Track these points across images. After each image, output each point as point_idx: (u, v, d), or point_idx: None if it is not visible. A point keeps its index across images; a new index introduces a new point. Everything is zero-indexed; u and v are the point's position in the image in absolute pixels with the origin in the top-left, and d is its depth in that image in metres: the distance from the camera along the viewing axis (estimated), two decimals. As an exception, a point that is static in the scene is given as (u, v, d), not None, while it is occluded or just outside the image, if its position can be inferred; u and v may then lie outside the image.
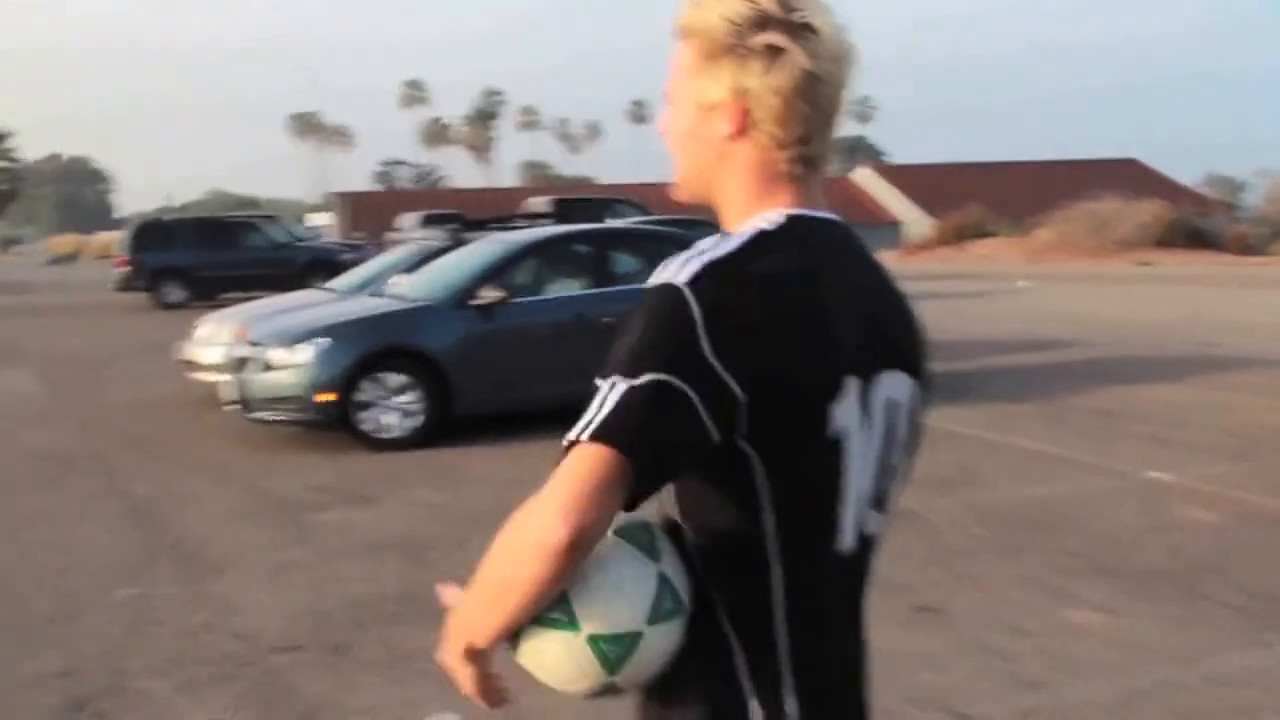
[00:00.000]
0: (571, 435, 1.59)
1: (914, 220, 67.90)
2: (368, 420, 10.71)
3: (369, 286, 13.66)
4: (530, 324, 11.28)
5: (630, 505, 1.61)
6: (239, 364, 11.18)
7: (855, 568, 1.83)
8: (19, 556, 7.75)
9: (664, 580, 1.66)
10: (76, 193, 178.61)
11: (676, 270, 1.67)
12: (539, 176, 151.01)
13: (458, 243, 14.17)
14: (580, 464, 1.56)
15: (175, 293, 30.20)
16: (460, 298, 11.05)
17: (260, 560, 7.43)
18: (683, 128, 1.84)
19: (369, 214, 70.39)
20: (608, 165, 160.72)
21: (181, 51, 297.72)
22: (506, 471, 9.71)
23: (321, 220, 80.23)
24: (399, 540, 7.69)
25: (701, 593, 1.72)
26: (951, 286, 31.13)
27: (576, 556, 1.55)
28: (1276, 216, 46.98)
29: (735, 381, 1.61)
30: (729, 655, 1.72)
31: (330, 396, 10.60)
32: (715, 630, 1.72)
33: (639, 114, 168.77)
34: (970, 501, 8.41)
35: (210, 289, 30.51)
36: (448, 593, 1.78)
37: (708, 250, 1.69)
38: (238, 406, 11.17)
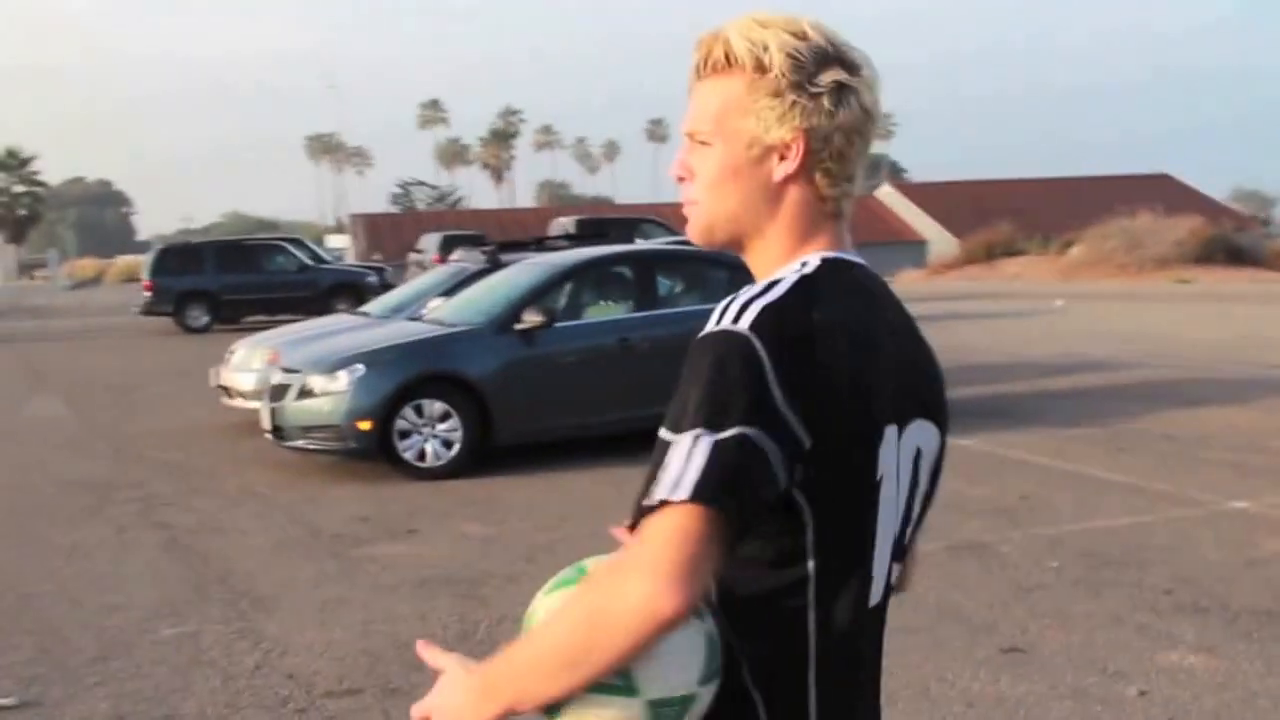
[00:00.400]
0: (662, 495, 1.52)
1: (937, 238, 67.54)
2: (408, 449, 10.46)
3: (405, 310, 13.44)
4: (572, 349, 11.04)
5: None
6: (275, 391, 10.94)
7: (880, 620, 1.80)
8: (59, 591, 7.50)
9: (710, 639, 1.62)
10: (98, 215, 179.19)
11: (735, 316, 1.62)
12: (556, 197, 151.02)
13: (495, 265, 13.95)
14: (682, 526, 1.51)
15: (200, 317, 30.06)
16: (502, 322, 10.81)
17: (308, 597, 7.18)
18: (725, 168, 1.76)
19: (388, 235, 70.37)
20: (625, 185, 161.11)
21: (199, 72, 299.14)
22: (553, 504, 9.47)
23: (339, 242, 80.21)
24: (449, 576, 7.43)
25: (725, 649, 1.65)
26: (987, 306, 30.82)
27: (679, 626, 1.51)
28: None
29: (803, 428, 1.58)
30: (753, 716, 1.66)
31: (369, 425, 10.35)
32: (738, 688, 1.66)
33: (657, 133, 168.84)
34: (1042, 533, 8.11)
35: (235, 312, 30.42)
36: (432, 653, 1.70)
37: (761, 295, 1.65)
38: (274, 435, 10.93)
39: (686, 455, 1.53)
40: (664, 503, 1.51)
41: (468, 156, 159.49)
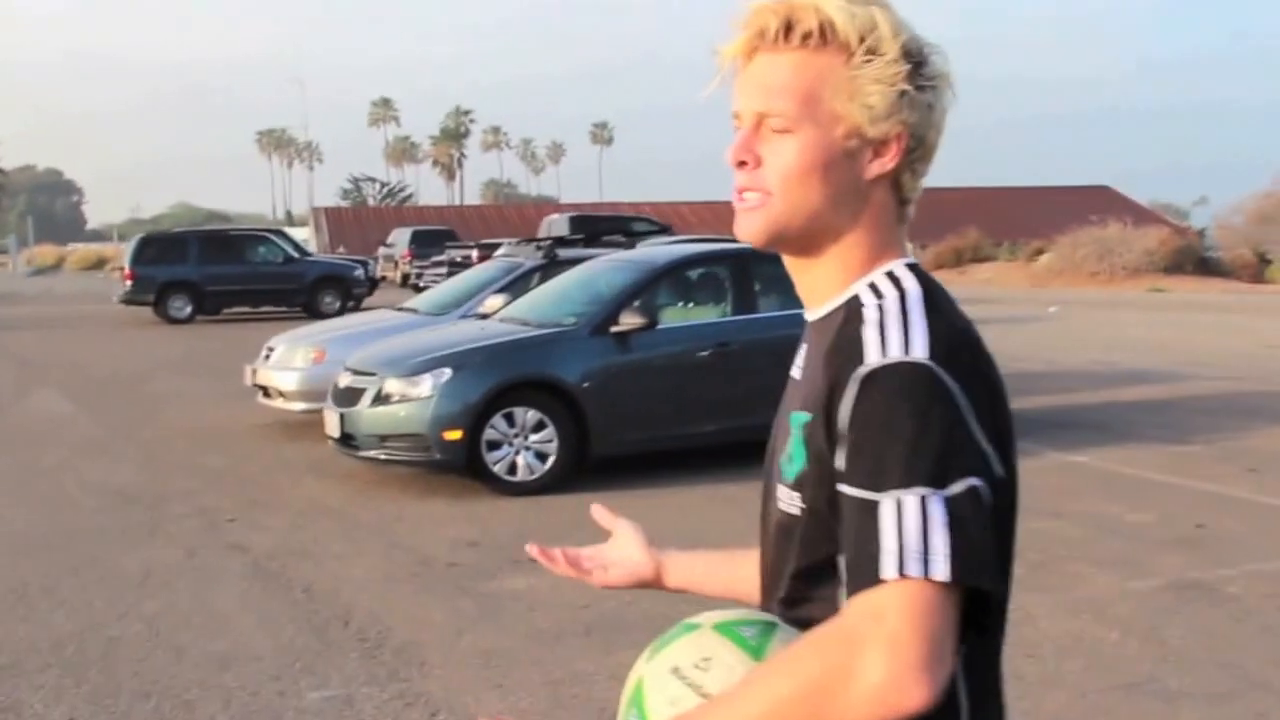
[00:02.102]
0: (908, 571, 1.33)
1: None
2: (497, 462, 9.39)
3: (461, 308, 12.36)
4: (670, 354, 10.00)
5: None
6: (345, 395, 9.83)
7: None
8: (149, 632, 6.38)
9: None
10: (48, 204, 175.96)
11: (900, 344, 1.43)
12: (503, 195, 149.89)
13: (552, 261, 12.91)
14: (931, 604, 1.33)
15: (183, 307, 28.73)
16: (599, 324, 9.74)
17: (459, 646, 6.09)
18: (815, 158, 1.53)
19: (351, 229, 68.98)
20: (569, 186, 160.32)
21: (147, 65, 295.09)
22: (671, 525, 8.38)
23: (299, 235, 78.54)
24: (616, 620, 6.33)
25: None
26: (980, 312, 29.63)
27: None
28: (1242, 242, 45.35)
29: (998, 457, 1.45)
30: None
31: (458, 434, 9.27)
32: None
33: (601, 135, 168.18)
34: (1255, 569, 7.21)
35: (217, 304, 29.21)
36: None
37: (908, 317, 1.46)
38: (342, 443, 9.82)
39: (920, 520, 1.35)
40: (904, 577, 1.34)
41: (416, 155, 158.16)
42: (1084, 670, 5.80)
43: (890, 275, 1.54)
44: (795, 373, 1.66)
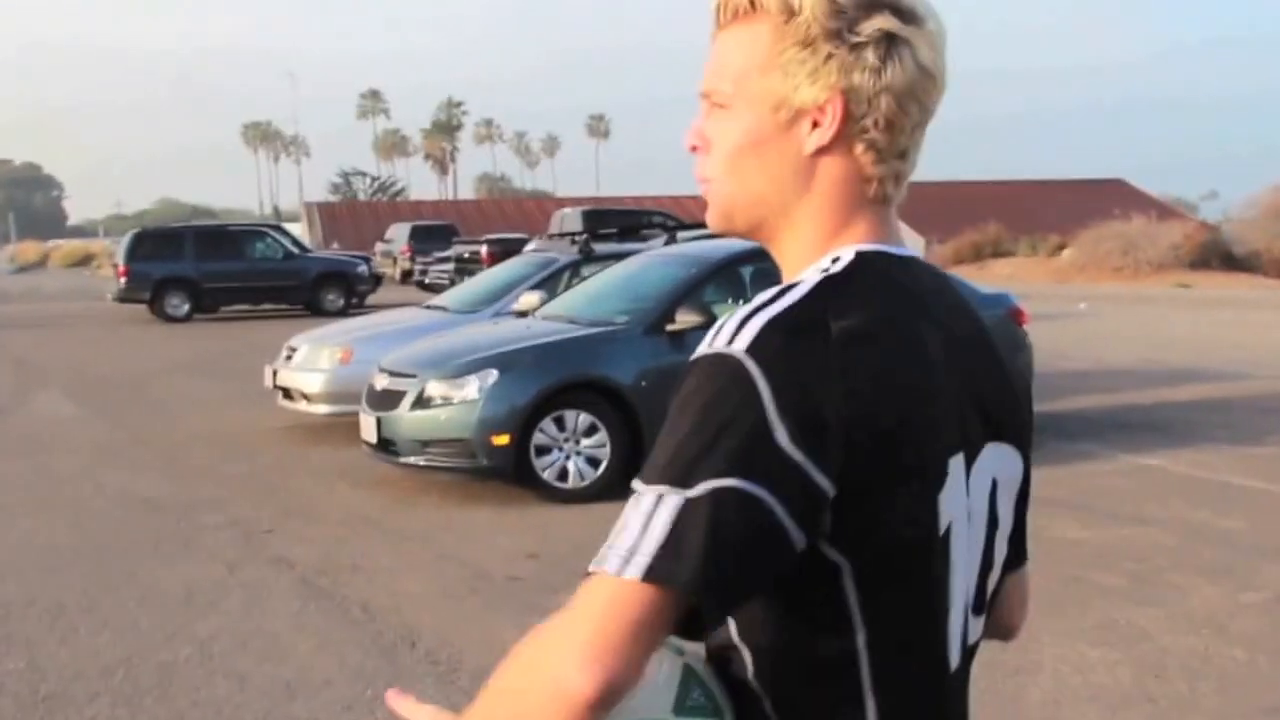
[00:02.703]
0: (605, 566, 1.24)
1: (907, 239, 66.33)
2: (546, 467, 8.91)
3: (494, 305, 11.87)
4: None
5: (695, 635, 1.31)
6: (383, 398, 9.34)
7: (959, 690, 1.50)
8: (204, 657, 5.89)
9: (690, 671, 1.40)
10: (26, 199, 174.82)
11: (730, 334, 1.31)
12: (497, 190, 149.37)
13: (588, 256, 12.43)
14: (616, 599, 1.23)
15: (180, 305, 28.10)
16: (653, 322, 9.26)
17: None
18: (747, 136, 1.43)
19: (344, 224, 68.33)
20: (565, 179, 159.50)
21: (129, 57, 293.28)
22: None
23: (292, 230, 77.83)
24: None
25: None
26: (1003, 309, 29.53)
27: (601, 712, 1.22)
28: (1259, 236, 44.96)
29: (821, 472, 1.28)
30: None
31: (505, 439, 8.79)
32: None
33: (598, 128, 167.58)
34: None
35: (216, 301, 28.60)
36: (405, 705, 1.44)
37: (768, 304, 1.33)
38: (380, 449, 9.33)
39: (645, 518, 1.26)
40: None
41: (407, 148, 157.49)
42: (1218, 693, 5.38)
43: (833, 259, 1.42)
44: None
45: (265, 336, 23.74)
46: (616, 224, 26.19)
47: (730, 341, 1.30)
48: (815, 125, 1.41)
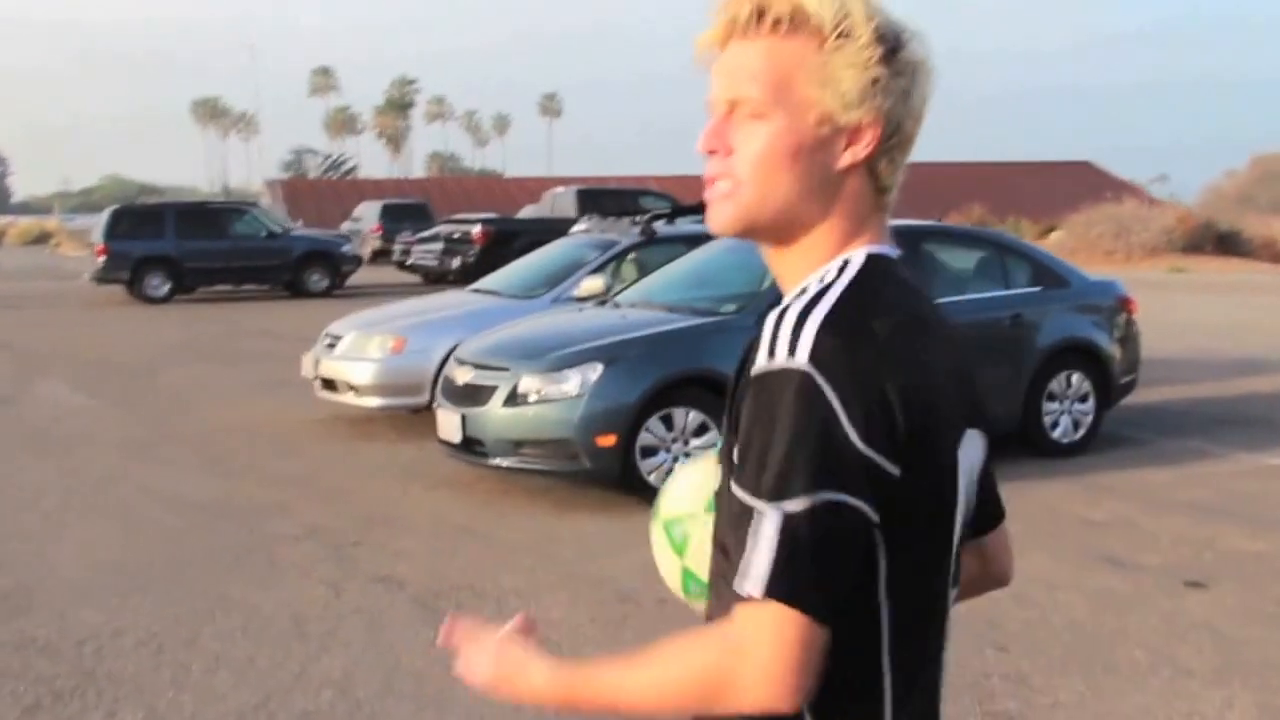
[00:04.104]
0: (747, 588, 1.40)
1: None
2: (652, 470, 8.12)
3: (555, 289, 11.04)
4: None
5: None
6: (467, 392, 8.51)
7: (942, 662, 1.64)
8: (357, 709, 5.06)
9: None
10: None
11: (788, 346, 1.43)
12: (446, 168, 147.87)
13: (649, 238, 11.63)
14: (788, 631, 1.39)
15: (160, 285, 26.97)
16: (766, 310, 8.45)
17: None
18: (786, 148, 1.51)
19: (306, 203, 66.95)
20: (515, 159, 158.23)
21: (76, 30, 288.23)
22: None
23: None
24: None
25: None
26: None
27: None
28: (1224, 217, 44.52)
29: (890, 462, 1.42)
30: None
31: (612, 440, 7.99)
32: None
33: (550, 108, 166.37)
34: None
35: (196, 281, 27.53)
36: (469, 628, 1.68)
37: (811, 309, 1.45)
38: (464, 449, 8.49)
39: (755, 535, 1.41)
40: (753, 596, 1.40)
41: (356, 126, 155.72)
42: None
43: (844, 263, 1.52)
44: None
45: (251, 318, 22.86)
46: (611, 205, 25.40)
47: (791, 354, 1.41)
48: (850, 143, 1.50)
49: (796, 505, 1.37)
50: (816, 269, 1.53)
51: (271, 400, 12.91)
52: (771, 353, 1.42)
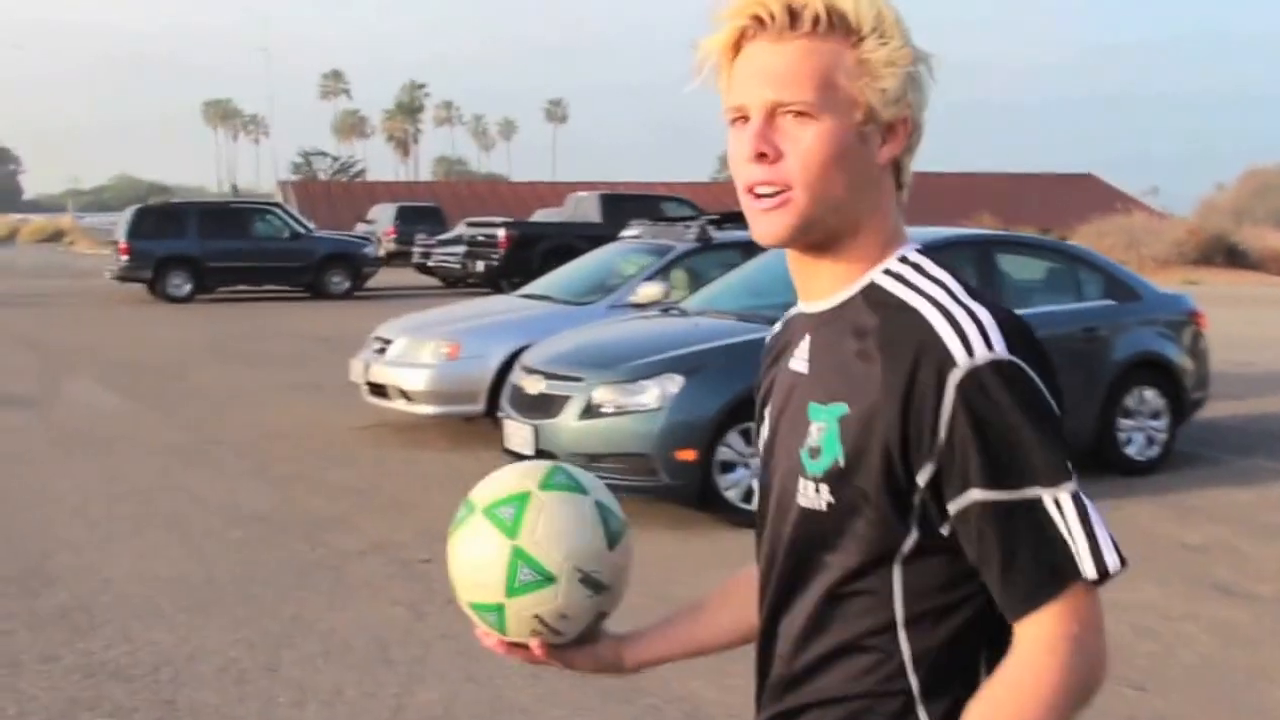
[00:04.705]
0: (1085, 571, 1.44)
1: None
2: (731, 487, 7.77)
3: (609, 296, 10.69)
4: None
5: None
6: (538, 403, 8.16)
7: None
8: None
9: (518, 552, 1.67)
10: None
11: (980, 339, 1.45)
12: (454, 172, 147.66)
13: (705, 243, 11.29)
14: (1094, 608, 1.46)
15: (182, 285, 26.64)
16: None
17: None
18: (837, 147, 1.50)
19: (319, 205, 66.64)
20: (521, 164, 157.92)
21: (85, 30, 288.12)
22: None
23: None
24: None
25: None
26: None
27: None
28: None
29: None
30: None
31: (692, 454, 7.64)
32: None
33: (556, 113, 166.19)
34: None
35: (218, 281, 27.21)
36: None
37: (971, 307, 1.47)
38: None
39: (1065, 521, 1.44)
40: (1080, 579, 1.44)
41: (365, 129, 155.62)
42: None
43: (911, 262, 1.55)
44: (797, 365, 1.62)
45: (275, 319, 22.53)
46: (635, 210, 24.99)
47: (989, 347, 1.44)
48: (886, 140, 1.53)
49: (1074, 484, 1.44)
50: (865, 268, 1.55)
51: (309, 404, 12.57)
52: (969, 349, 1.43)
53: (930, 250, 1.59)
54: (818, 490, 1.53)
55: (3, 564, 7.19)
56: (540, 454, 8.03)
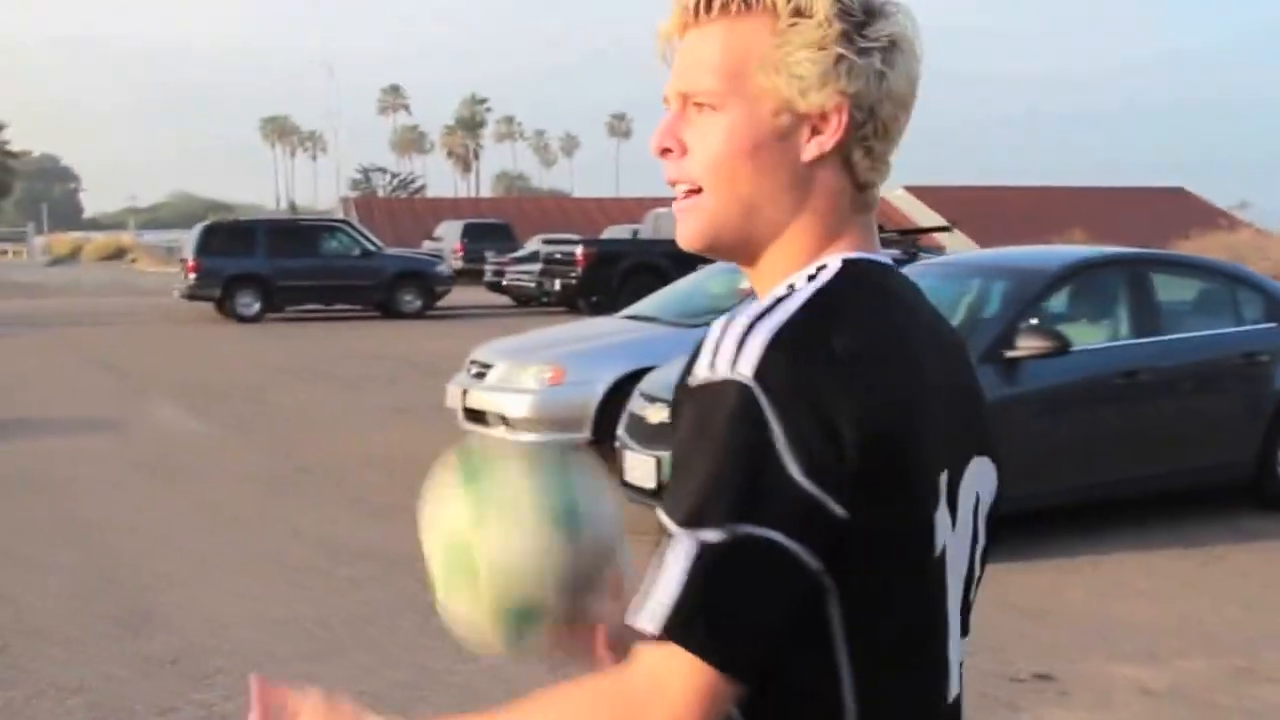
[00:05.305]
0: (641, 621, 1.23)
1: (959, 245, 64.63)
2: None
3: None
4: (1067, 385, 7.89)
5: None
6: (660, 434, 7.69)
7: (959, 716, 1.44)
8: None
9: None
10: (45, 191, 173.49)
11: (730, 356, 1.25)
12: (514, 188, 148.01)
13: (911, 257, 10.86)
14: (700, 683, 1.21)
15: (251, 304, 26.36)
16: (990, 348, 7.62)
17: None
18: (743, 141, 1.35)
19: (381, 221, 66.68)
20: (583, 180, 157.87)
21: (145, 50, 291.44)
22: (1146, 618, 6.35)
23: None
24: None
25: None
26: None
27: None
28: None
29: (836, 501, 1.23)
30: None
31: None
32: None
33: (619, 128, 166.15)
34: None
35: (287, 300, 26.90)
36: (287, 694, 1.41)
37: (762, 318, 1.27)
38: (657, 495, 7.65)
39: (665, 565, 1.23)
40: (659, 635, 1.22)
41: (424, 145, 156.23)
42: None
43: (819, 269, 1.36)
44: None
45: (347, 339, 22.24)
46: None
47: (733, 364, 1.24)
48: (815, 132, 1.35)
49: (714, 535, 1.21)
50: (786, 278, 1.36)
51: (396, 430, 12.17)
52: (712, 363, 1.27)
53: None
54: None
55: (103, 599, 6.81)
56: (663, 487, 7.55)
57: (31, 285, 42.51)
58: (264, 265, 26.50)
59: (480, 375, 10.29)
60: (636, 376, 9.22)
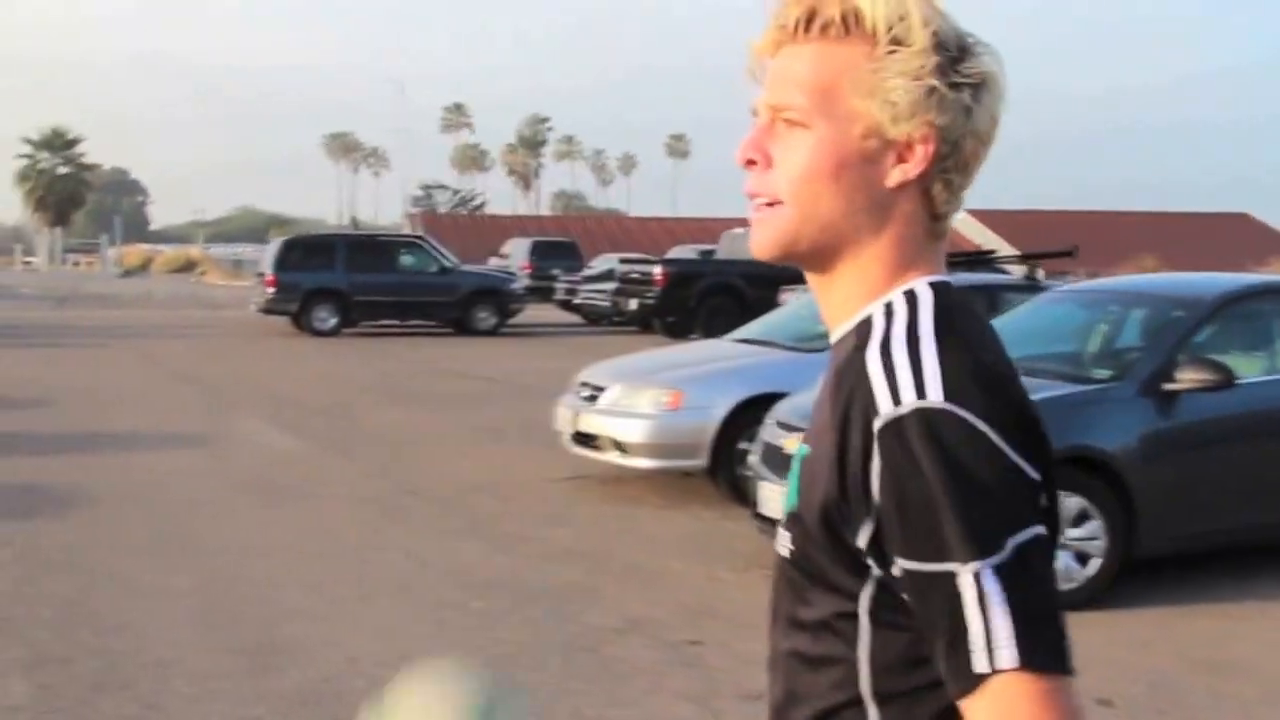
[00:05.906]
0: (1001, 661, 1.22)
1: (1019, 270, 63.78)
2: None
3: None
4: (1229, 418, 7.50)
5: None
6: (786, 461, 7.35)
7: None
8: None
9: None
10: (114, 204, 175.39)
11: (912, 389, 1.28)
12: (572, 206, 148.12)
13: (1034, 286, 10.53)
14: (1035, 704, 1.22)
15: (327, 319, 26.25)
16: (1149, 380, 7.24)
17: None
18: (829, 160, 1.37)
19: (448, 238, 66.76)
20: (640, 199, 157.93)
21: (211, 66, 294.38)
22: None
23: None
24: None
25: None
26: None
27: None
28: None
29: (1035, 471, 1.30)
30: None
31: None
32: None
33: (677, 148, 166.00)
34: None
35: (363, 315, 26.79)
36: None
37: (915, 343, 1.32)
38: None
39: (978, 602, 1.22)
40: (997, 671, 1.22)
41: (484, 162, 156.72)
42: None
43: (908, 294, 1.39)
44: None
45: (428, 356, 22.06)
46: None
47: (920, 394, 1.27)
48: (901, 159, 1.37)
49: (1003, 557, 1.23)
50: (870, 299, 1.39)
51: (499, 452, 11.93)
52: (896, 398, 1.28)
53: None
54: (784, 534, 1.43)
55: (227, 630, 6.57)
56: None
57: (107, 296, 42.76)
58: (342, 280, 26.41)
59: (591, 398, 10.00)
60: (755, 402, 8.94)
